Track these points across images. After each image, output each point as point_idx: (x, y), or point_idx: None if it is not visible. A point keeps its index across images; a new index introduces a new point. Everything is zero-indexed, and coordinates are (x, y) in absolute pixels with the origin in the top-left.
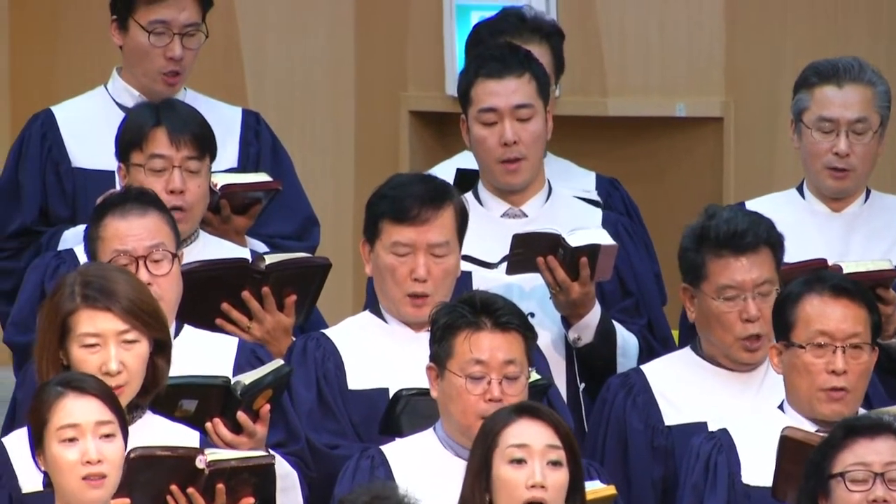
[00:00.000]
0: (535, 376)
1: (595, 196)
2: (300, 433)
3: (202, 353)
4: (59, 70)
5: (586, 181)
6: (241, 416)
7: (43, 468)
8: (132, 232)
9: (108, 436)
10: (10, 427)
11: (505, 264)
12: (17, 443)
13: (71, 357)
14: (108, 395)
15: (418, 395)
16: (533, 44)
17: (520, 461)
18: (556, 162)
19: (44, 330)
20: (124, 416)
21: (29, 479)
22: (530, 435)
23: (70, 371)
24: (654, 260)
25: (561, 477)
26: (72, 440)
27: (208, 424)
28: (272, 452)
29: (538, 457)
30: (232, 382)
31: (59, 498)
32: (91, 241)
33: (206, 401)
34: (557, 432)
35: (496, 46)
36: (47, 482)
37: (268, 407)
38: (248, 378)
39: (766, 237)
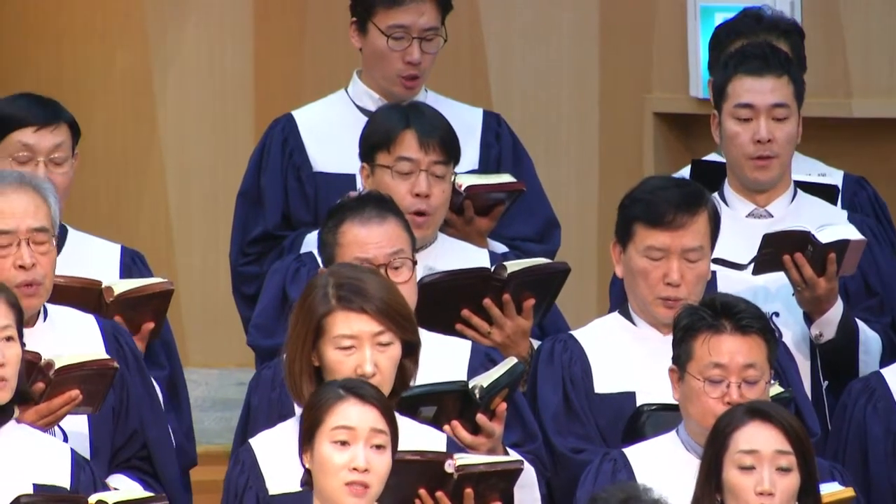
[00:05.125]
0: (777, 389)
1: (830, 181)
2: (536, 432)
3: (437, 357)
4: (304, 73)
5: (833, 179)
6: (482, 418)
7: (307, 465)
8: (372, 239)
9: (379, 447)
10: (243, 433)
11: (753, 265)
12: (265, 445)
13: (324, 359)
14: (386, 408)
15: (661, 409)
16: (770, 42)
17: (749, 467)
18: (804, 161)
19: (296, 332)
20: (397, 432)
21: (276, 480)
22: (760, 440)
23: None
24: None
25: (790, 483)
26: (343, 443)
27: (446, 427)
28: (519, 457)
29: (767, 463)
30: (470, 385)
31: (318, 497)
32: (327, 247)
33: (443, 405)
34: (788, 436)
35: (757, 45)
36: (306, 480)
37: (504, 406)
38: (485, 380)
39: None
